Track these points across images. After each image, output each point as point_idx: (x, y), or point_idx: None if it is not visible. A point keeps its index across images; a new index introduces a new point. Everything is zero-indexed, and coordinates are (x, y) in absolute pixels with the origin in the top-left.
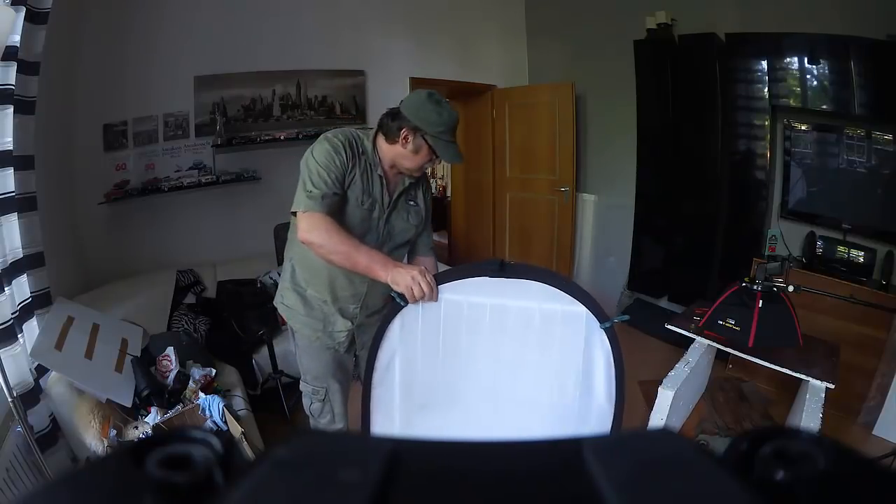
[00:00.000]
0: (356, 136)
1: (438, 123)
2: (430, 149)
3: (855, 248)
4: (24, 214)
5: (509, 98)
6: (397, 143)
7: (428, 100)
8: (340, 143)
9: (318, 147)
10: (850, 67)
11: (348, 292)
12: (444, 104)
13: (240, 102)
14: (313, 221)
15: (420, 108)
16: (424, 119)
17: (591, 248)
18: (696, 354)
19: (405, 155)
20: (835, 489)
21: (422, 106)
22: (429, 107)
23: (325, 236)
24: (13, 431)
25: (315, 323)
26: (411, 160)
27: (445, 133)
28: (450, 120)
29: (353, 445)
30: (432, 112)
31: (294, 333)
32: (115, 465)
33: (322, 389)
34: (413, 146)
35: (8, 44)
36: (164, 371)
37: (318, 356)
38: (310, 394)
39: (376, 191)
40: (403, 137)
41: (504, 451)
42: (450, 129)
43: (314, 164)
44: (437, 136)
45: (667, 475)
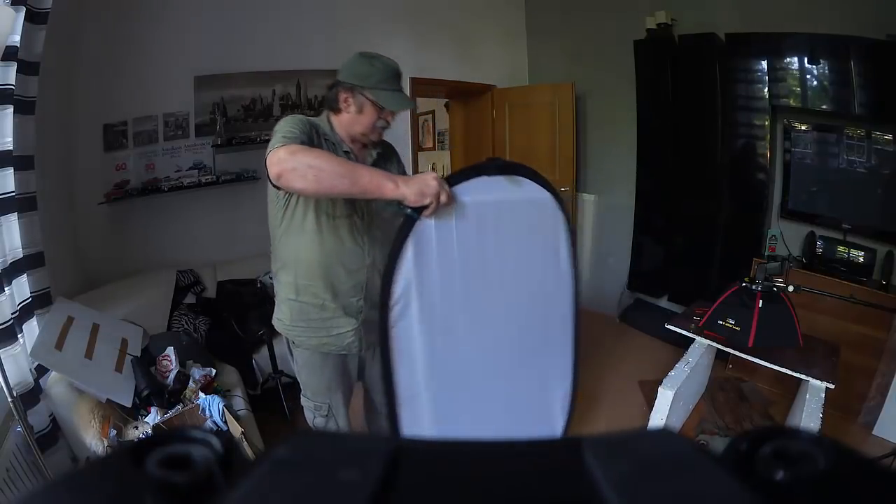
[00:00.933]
0: (310, 120)
1: (370, 74)
2: (373, 104)
3: (855, 248)
4: (24, 214)
5: (509, 98)
6: (342, 111)
7: (359, 57)
8: (300, 121)
9: (283, 120)
10: (850, 67)
11: (348, 284)
12: (378, 57)
13: (240, 102)
14: (293, 148)
15: (352, 65)
16: (357, 75)
17: (591, 248)
18: (696, 354)
19: (352, 119)
20: (835, 489)
21: (353, 64)
22: (359, 61)
23: (312, 156)
24: (13, 431)
25: (318, 330)
26: (360, 122)
27: (382, 82)
28: (384, 68)
29: (353, 445)
30: (364, 65)
31: (292, 349)
32: (115, 465)
33: (325, 405)
34: (355, 106)
35: (8, 44)
36: (164, 371)
37: (319, 370)
38: (312, 409)
39: None
40: (344, 101)
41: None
42: (386, 77)
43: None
44: (375, 88)
45: (667, 475)
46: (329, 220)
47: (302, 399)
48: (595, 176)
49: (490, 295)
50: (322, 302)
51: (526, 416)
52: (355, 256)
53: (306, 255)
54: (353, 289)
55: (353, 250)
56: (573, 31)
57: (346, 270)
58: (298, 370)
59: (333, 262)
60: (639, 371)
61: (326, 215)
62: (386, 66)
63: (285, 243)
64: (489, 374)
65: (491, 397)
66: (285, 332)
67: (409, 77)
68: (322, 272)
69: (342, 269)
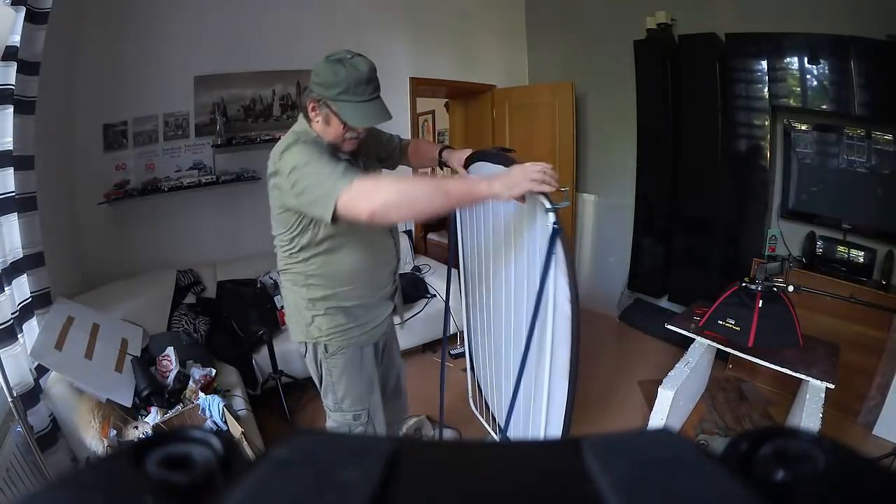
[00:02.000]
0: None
1: (334, 83)
2: (336, 115)
3: (855, 248)
4: (24, 214)
5: (509, 98)
6: (312, 121)
7: (325, 61)
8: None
9: (298, 154)
10: (850, 67)
11: (385, 273)
12: (347, 60)
13: (240, 102)
14: (370, 185)
15: (318, 72)
16: (321, 83)
17: (591, 248)
18: (696, 354)
19: (322, 130)
20: (835, 489)
21: (319, 69)
22: (325, 68)
23: (394, 188)
24: (13, 431)
25: (363, 326)
26: (328, 134)
27: (347, 93)
28: (349, 76)
29: (352, 445)
30: (328, 72)
31: (324, 361)
32: (115, 465)
33: (363, 412)
34: (321, 118)
35: (8, 44)
36: (164, 371)
37: (359, 368)
38: (349, 423)
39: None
40: (311, 110)
41: (504, 451)
42: (352, 85)
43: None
44: (337, 100)
45: (667, 475)
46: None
47: (332, 418)
48: (595, 176)
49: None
50: (365, 301)
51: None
52: (388, 247)
53: (343, 267)
54: (388, 276)
55: (386, 242)
56: (573, 30)
57: (382, 262)
58: (336, 381)
59: (371, 261)
60: (639, 371)
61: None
62: (352, 72)
63: (315, 261)
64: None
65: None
66: (323, 341)
67: (408, 77)
68: (363, 274)
69: (380, 265)
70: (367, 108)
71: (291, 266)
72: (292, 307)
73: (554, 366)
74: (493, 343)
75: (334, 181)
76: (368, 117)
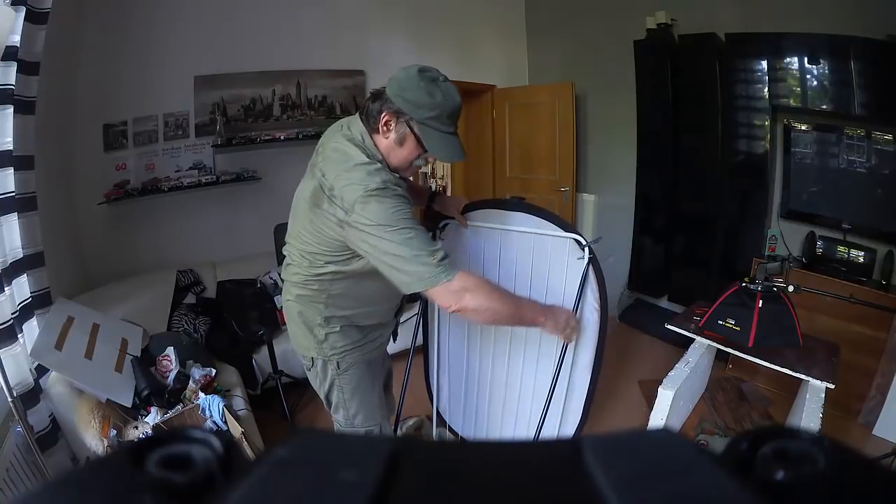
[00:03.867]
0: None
1: (429, 106)
2: (417, 140)
3: (855, 248)
4: (24, 214)
5: (509, 98)
6: (380, 133)
7: (418, 76)
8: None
9: (380, 211)
10: (850, 67)
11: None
12: (441, 83)
13: (240, 102)
14: (464, 284)
15: (406, 86)
16: (410, 100)
17: None
18: (696, 354)
19: (389, 147)
20: (835, 489)
21: (409, 84)
22: (418, 84)
23: (489, 299)
24: (13, 431)
25: (374, 340)
26: (396, 154)
27: (437, 120)
28: (445, 103)
29: (353, 445)
30: (421, 91)
31: (337, 378)
32: (115, 465)
33: (376, 427)
34: (396, 135)
35: (8, 44)
36: (164, 371)
37: (371, 381)
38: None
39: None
40: (384, 123)
41: (504, 451)
42: (445, 114)
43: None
44: (425, 124)
45: (667, 475)
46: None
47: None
48: (595, 176)
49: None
50: (382, 320)
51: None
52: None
53: (367, 292)
54: (399, 295)
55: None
56: (573, 30)
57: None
58: (349, 398)
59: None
60: (639, 371)
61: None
62: (448, 99)
63: (343, 284)
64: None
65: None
66: (336, 358)
67: None
68: (385, 297)
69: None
70: (451, 141)
71: (311, 282)
72: (301, 322)
73: (577, 361)
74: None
75: (433, 269)
76: (452, 151)
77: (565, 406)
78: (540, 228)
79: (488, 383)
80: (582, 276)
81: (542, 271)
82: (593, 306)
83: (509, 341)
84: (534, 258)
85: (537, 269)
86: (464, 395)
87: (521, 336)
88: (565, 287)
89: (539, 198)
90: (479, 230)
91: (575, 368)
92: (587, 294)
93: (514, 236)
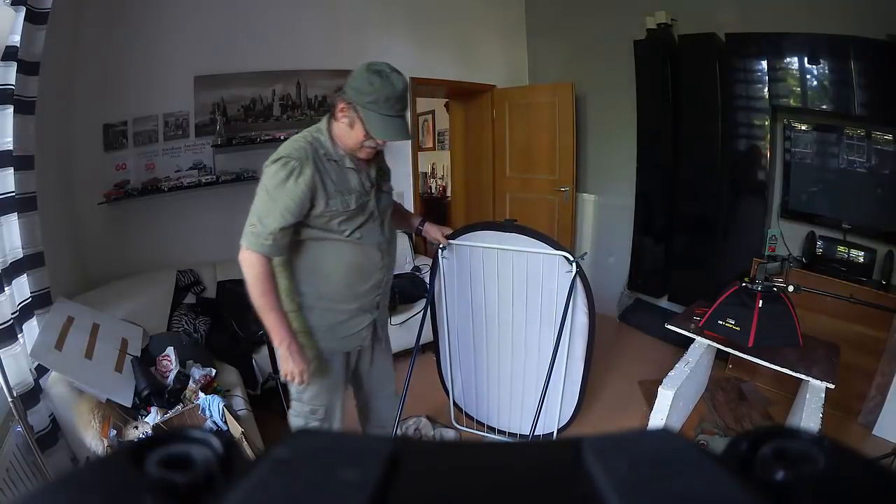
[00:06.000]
0: (314, 141)
1: (368, 92)
2: (362, 124)
3: (855, 248)
4: (23, 214)
5: (509, 98)
6: (338, 120)
7: (366, 70)
8: (297, 166)
9: (273, 174)
10: (850, 67)
11: (368, 284)
12: (386, 74)
13: (240, 102)
14: (252, 261)
15: (355, 77)
16: (356, 88)
17: (591, 248)
18: (696, 354)
19: (344, 132)
20: (835, 489)
21: (357, 75)
22: (363, 75)
23: (252, 281)
24: (13, 431)
25: (337, 332)
26: (350, 137)
27: (377, 104)
28: (384, 89)
29: (352, 445)
30: (364, 81)
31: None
32: (115, 465)
33: (322, 408)
34: (347, 120)
35: (8, 44)
36: (164, 371)
37: (327, 369)
38: (306, 414)
39: (355, 184)
40: (340, 110)
41: (504, 452)
42: (384, 99)
43: (264, 196)
44: (367, 108)
45: (667, 475)
46: (348, 224)
47: (293, 406)
48: (595, 176)
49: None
50: (343, 306)
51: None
52: (372, 259)
53: (326, 266)
54: (371, 288)
55: (371, 253)
56: (573, 30)
57: (363, 272)
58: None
59: (352, 270)
60: (639, 371)
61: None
62: (386, 86)
63: (300, 257)
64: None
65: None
66: (304, 338)
67: (409, 77)
68: (345, 279)
69: (361, 274)
70: (392, 122)
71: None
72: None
73: (572, 354)
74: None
75: (247, 231)
76: (390, 132)
77: (564, 390)
78: (532, 247)
79: (497, 373)
80: (570, 286)
81: (536, 284)
82: (583, 310)
83: (511, 337)
84: (528, 273)
85: (532, 282)
86: (475, 385)
87: (522, 335)
88: (557, 297)
89: (539, 198)
90: (476, 249)
91: (571, 360)
92: (577, 300)
93: (510, 254)
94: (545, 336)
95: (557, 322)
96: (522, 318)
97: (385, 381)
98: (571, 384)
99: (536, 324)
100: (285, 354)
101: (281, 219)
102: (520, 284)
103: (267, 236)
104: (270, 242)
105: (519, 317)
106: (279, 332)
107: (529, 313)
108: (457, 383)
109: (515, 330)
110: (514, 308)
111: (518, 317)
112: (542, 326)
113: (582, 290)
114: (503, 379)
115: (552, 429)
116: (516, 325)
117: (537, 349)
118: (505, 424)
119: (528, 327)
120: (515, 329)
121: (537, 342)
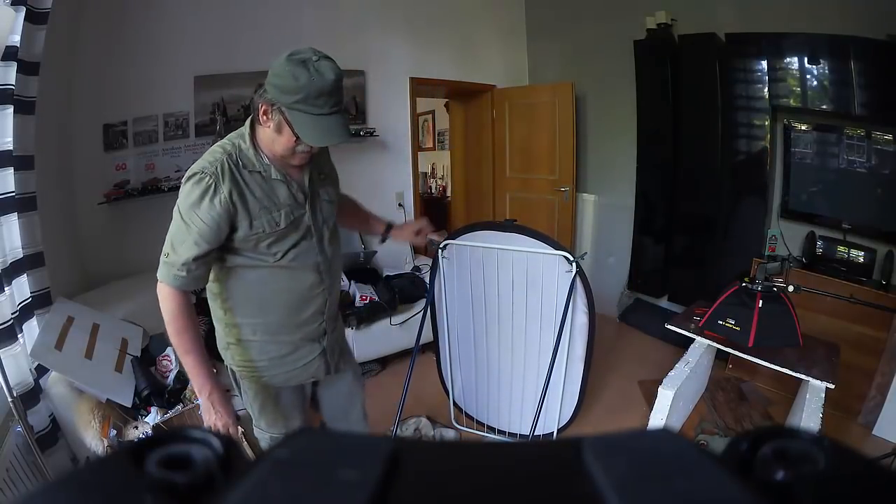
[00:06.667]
0: (234, 150)
1: (293, 90)
2: (290, 127)
3: (855, 248)
4: (23, 214)
5: (509, 98)
6: (262, 125)
7: (286, 60)
8: (212, 184)
9: (187, 194)
10: (850, 67)
11: (308, 311)
12: (313, 63)
13: (240, 102)
14: (165, 295)
15: (276, 72)
16: (278, 86)
17: (591, 248)
18: (696, 354)
19: (271, 138)
20: (835, 489)
21: (278, 69)
22: (285, 69)
23: (167, 318)
24: (13, 431)
25: (283, 365)
26: (278, 143)
27: (305, 103)
28: (312, 84)
29: (352, 445)
30: (287, 76)
31: (238, 381)
32: (115, 465)
33: (281, 436)
34: (273, 124)
35: (8, 44)
36: (164, 371)
37: (273, 401)
38: (268, 440)
39: (284, 198)
40: (263, 113)
41: (504, 452)
42: (312, 96)
43: (178, 219)
44: (294, 109)
45: (667, 475)
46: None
47: (255, 431)
48: (595, 176)
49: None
50: (284, 337)
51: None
52: (310, 283)
53: (259, 295)
54: (313, 316)
55: (309, 277)
56: (573, 30)
57: (303, 299)
58: (250, 402)
59: (290, 294)
60: (639, 371)
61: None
62: (315, 79)
63: (231, 286)
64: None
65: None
66: (247, 373)
67: (408, 77)
68: (282, 308)
69: (300, 300)
70: (326, 122)
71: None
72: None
73: (572, 354)
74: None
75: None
76: (325, 134)
77: (564, 389)
78: (532, 247)
79: (497, 373)
80: (570, 286)
81: (536, 284)
82: (583, 310)
83: (511, 338)
84: (528, 273)
85: (532, 282)
86: (475, 385)
87: (522, 335)
88: (556, 297)
89: (539, 198)
90: (476, 249)
91: (571, 360)
92: (577, 300)
93: (510, 254)
94: (545, 336)
95: (557, 322)
96: (522, 318)
97: (350, 405)
98: (571, 384)
99: (536, 324)
100: (206, 406)
101: (195, 247)
102: (520, 284)
103: (180, 267)
104: (184, 274)
105: (519, 317)
106: (198, 380)
107: (529, 313)
108: (457, 383)
109: (515, 330)
110: (514, 308)
111: (518, 317)
112: (542, 326)
113: (582, 290)
114: (503, 379)
115: (552, 429)
116: (516, 325)
117: (537, 349)
118: (505, 424)
119: (529, 327)
120: (515, 329)
121: (537, 342)
